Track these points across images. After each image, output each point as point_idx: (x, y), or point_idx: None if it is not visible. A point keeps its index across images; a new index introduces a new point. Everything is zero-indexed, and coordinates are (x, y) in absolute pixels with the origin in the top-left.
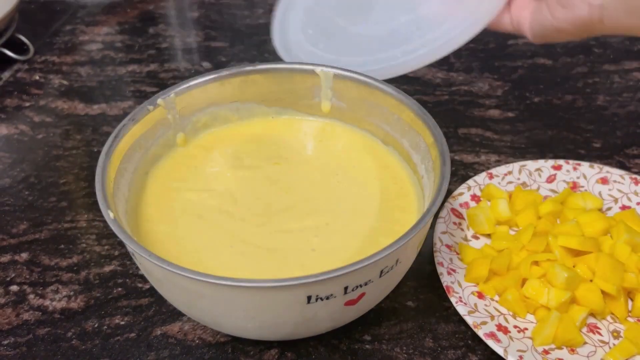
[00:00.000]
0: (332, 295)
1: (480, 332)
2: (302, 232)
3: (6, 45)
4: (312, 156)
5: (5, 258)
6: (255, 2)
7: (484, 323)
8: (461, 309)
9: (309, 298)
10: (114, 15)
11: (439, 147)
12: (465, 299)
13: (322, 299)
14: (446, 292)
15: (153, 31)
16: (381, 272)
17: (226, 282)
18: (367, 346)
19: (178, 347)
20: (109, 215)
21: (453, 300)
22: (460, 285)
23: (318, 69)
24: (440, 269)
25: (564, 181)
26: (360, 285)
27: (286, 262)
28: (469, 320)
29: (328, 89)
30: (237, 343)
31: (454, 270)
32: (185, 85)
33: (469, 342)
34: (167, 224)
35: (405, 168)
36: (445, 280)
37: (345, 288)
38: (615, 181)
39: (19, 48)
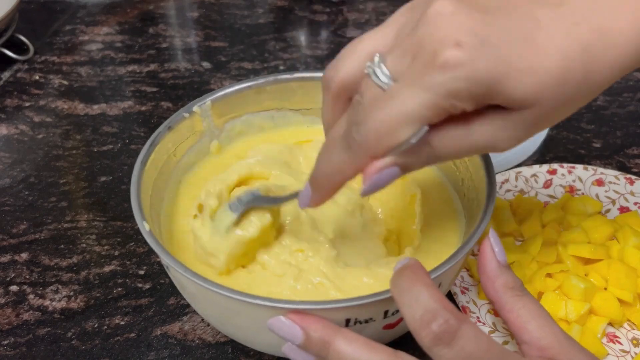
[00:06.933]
0: (371, 319)
1: None
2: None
3: (6, 45)
4: None
5: (5, 258)
6: (255, 2)
7: (506, 342)
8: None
9: (348, 321)
10: (114, 15)
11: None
12: (483, 318)
13: (360, 322)
14: (463, 312)
15: (153, 31)
16: None
17: (261, 301)
18: None
19: (178, 347)
20: (144, 227)
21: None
22: (475, 304)
23: None
24: (453, 288)
25: (561, 185)
26: None
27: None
28: None
29: None
30: (237, 343)
31: (466, 289)
32: (221, 93)
33: None
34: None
35: (449, 189)
36: (460, 300)
37: (386, 312)
38: (610, 182)
39: (19, 48)
